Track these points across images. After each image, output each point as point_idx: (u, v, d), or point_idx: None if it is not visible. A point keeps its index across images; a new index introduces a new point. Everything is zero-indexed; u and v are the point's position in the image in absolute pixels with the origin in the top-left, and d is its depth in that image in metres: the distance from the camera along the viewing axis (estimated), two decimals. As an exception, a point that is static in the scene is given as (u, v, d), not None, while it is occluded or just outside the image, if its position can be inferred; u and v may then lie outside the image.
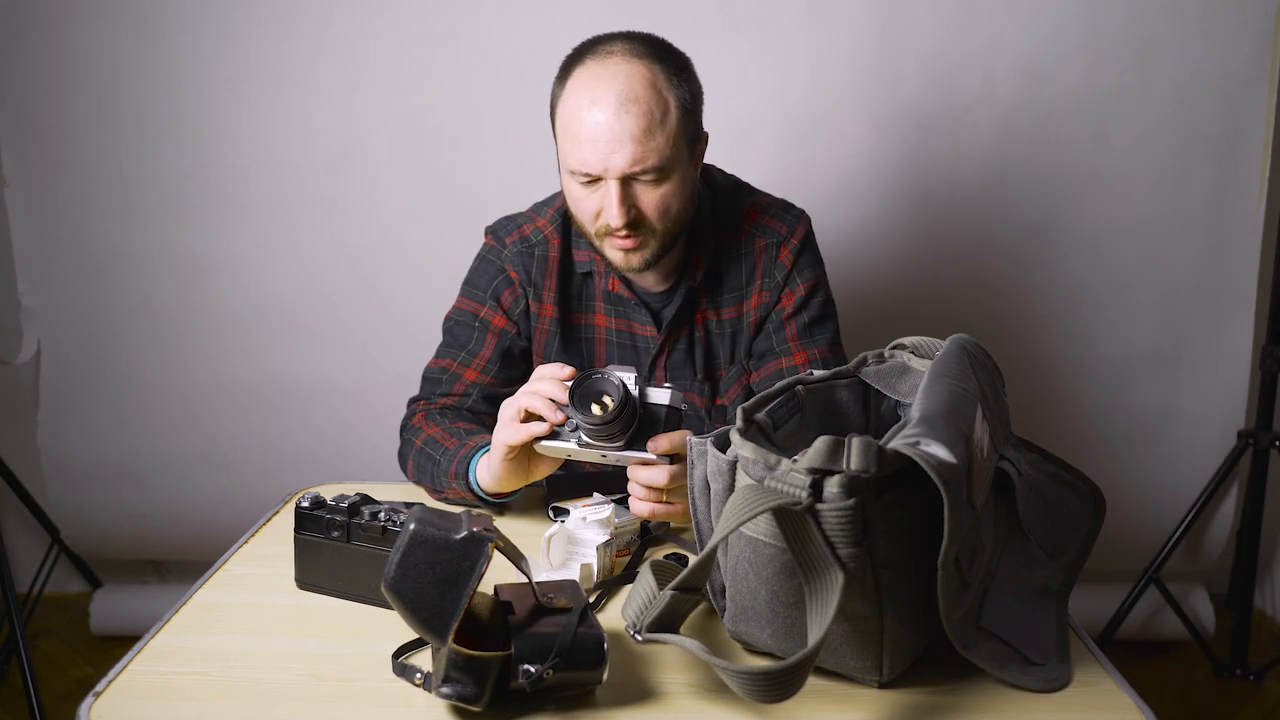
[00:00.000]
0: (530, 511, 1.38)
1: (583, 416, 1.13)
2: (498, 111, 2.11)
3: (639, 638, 1.00)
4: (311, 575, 1.14)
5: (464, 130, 2.13)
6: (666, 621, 1.00)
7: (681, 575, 0.97)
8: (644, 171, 1.31)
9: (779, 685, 0.86)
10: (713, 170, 1.54)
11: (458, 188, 2.15)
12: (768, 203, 1.52)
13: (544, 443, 1.19)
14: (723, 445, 0.98)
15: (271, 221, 2.19)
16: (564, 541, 1.16)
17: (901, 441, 0.91)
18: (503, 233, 1.51)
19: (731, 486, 0.95)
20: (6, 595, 2.03)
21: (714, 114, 1.43)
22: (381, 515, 1.09)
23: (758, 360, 1.51)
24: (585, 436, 1.17)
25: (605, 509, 1.18)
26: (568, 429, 1.18)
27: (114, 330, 2.25)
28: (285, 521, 1.27)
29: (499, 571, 1.00)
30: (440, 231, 2.15)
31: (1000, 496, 1.11)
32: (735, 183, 1.55)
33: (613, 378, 1.14)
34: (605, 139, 1.29)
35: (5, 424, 2.39)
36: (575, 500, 1.32)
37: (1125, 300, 2.22)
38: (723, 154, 1.55)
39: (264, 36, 2.11)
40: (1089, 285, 2.21)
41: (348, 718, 0.93)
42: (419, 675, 0.93)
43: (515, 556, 0.94)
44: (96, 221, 2.19)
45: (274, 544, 1.27)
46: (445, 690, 0.89)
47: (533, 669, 0.89)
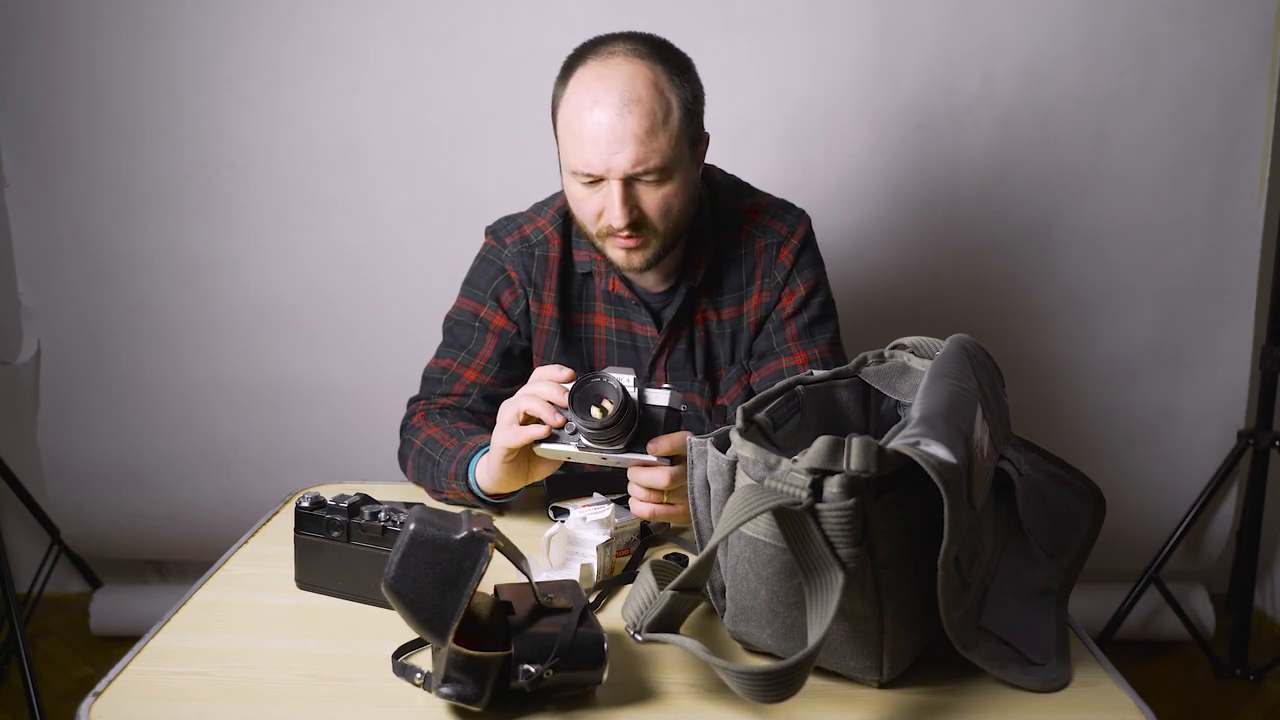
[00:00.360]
0: (530, 511, 1.38)
1: (582, 420, 1.13)
2: (498, 111, 2.11)
3: (639, 638, 1.00)
4: (311, 575, 1.14)
5: (464, 130, 2.13)
6: (666, 621, 1.00)
7: (681, 575, 0.97)
8: (646, 172, 1.31)
9: (779, 685, 0.86)
10: (713, 170, 1.54)
11: (458, 188, 2.15)
12: (768, 203, 1.52)
13: (543, 446, 1.19)
14: (723, 445, 0.98)
15: (271, 221, 2.19)
16: (564, 541, 1.16)
17: (901, 441, 0.91)
18: (503, 233, 1.51)
19: (731, 486, 0.95)
20: (6, 595, 2.03)
21: (714, 114, 1.43)
22: (381, 515, 1.09)
23: (758, 360, 1.51)
24: (585, 439, 1.17)
25: (605, 509, 1.18)
26: (567, 431, 1.18)
27: (114, 330, 2.25)
28: (285, 521, 1.27)
29: (499, 571, 1.00)
30: (440, 231, 2.15)
31: (1000, 496, 1.11)
32: (735, 183, 1.55)
33: (612, 381, 1.14)
34: (608, 139, 1.29)
35: (5, 424, 2.39)
36: (575, 500, 1.32)
37: (1125, 300, 2.21)
38: (723, 154, 1.55)
39: (264, 36, 2.11)
40: (1089, 285, 2.21)
41: (348, 718, 0.93)
42: (419, 675, 0.93)
43: (515, 556, 0.94)
44: (96, 221, 2.19)
45: (274, 544, 1.27)
46: (445, 690, 0.89)
47: (533, 669, 0.89)
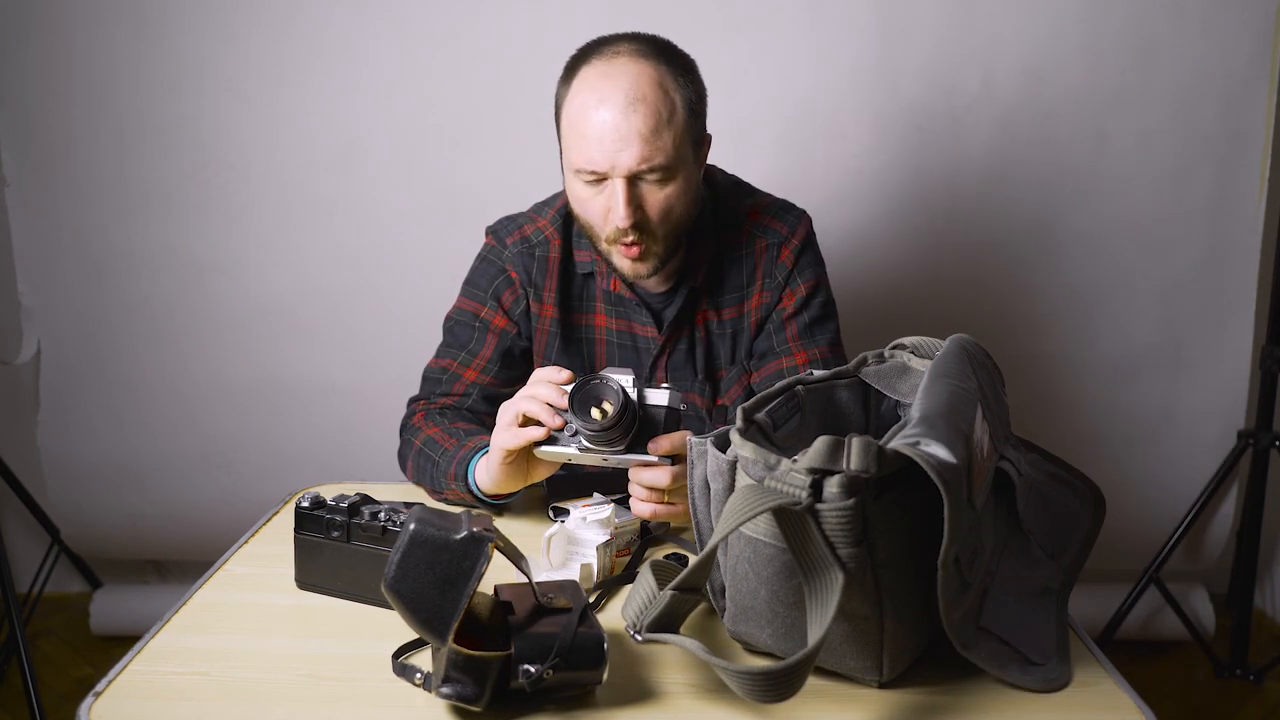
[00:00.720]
0: (530, 511, 1.38)
1: (582, 422, 1.13)
2: (498, 111, 2.11)
3: (639, 638, 1.00)
4: (311, 575, 1.14)
5: (464, 130, 2.13)
6: (666, 621, 1.00)
7: (681, 575, 0.97)
8: (650, 171, 1.31)
9: (779, 685, 0.86)
10: (714, 171, 1.54)
11: (458, 188, 2.15)
12: (769, 203, 1.52)
13: (543, 448, 1.18)
14: (723, 445, 0.98)
15: (271, 221, 2.19)
16: (564, 541, 1.16)
17: (901, 441, 0.91)
18: (503, 233, 1.51)
19: (731, 486, 0.95)
20: (6, 595, 2.03)
21: (714, 114, 1.43)
22: (381, 515, 1.09)
23: (758, 360, 1.51)
24: (585, 441, 1.16)
25: (605, 509, 1.18)
26: (567, 433, 1.18)
27: (114, 330, 2.25)
28: (285, 521, 1.27)
29: (499, 571, 1.00)
30: (440, 231, 2.15)
31: (1000, 496, 1.11)
32: (736, 183, 1.55)
33: (612, 383, 1.14)
34: (613, 137, 1.29)
35: (5, 424, 2.39)
36: (575, 500, 1.32)
37: (1125, 300, 2.21)
38: (723, 154, 1.54)
39: (264, 36, 2.11)
40: (1089, 285, 2.21)
41: (348, 718, 0.93)
42: (419, 675, 0.93)
43: (515, 556, 0.94)
44: (96, 221, 2.19)
45: (274, 544, 1.27)
46: (445, 690, 0.89)
47: (533, 669, 0.89)
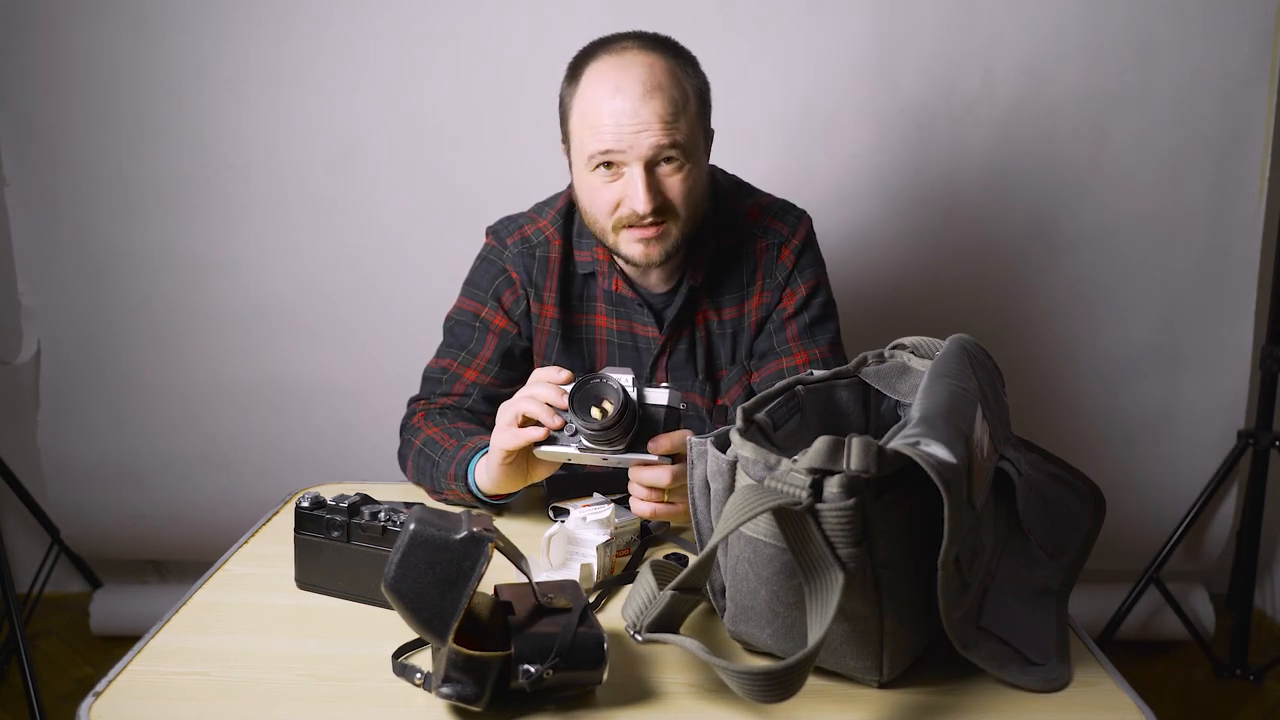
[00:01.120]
0: (530, 511, 1.38)
1: (582, 422, 1.13)
2: (498, 111, 2.11)
3: (639, 638, 1.00)
4: (311, 575, 1.14)
5: (464, 130, 2.13)
6: (666, 621, 1.00)
7: (681, 575, 0.97)
8: (669, 154, 1.31)
9: (779, 685, 0.86)
10: (714, 170, 1.54)
11: (458, 188, 2.15)
12: (769, 203, 1.52)
13: (543, 448, 1.18)
14: (723, 445, 0.98)
15: (271, 221, 2.19)
16: (564, 541, 1.16)
17: (901, 441, 0.91)
18: (504, 233, 1.51)
19: (731, 486, 0.95)
20: (6, 595, 2.03)
21: (714, 114, 1.43)
22: (381, 515, 1.09)
23: (759, 360, 1.51)
24: (585, 441, 1.16)
25: (605, 509, 1.18)
26: (566, 433, 1.18)
27: (114, 330, 2.25)
28: (285, 521, 1.27)
29: (499, 571, 1.00)
30: (440, 231, 2.15)
31: (1000, 496, 1.11)
32: (736, 183, 1.55)
33: (612, 382, 1.14)
34: (631, 123, 1.29)
35: (5, 424, 2.39)
36: (575, 500, 1.32)
37: (1125, 300, 2.21)
38: (723, 154, 1.54)
39: (264, 36, 2.11)
40: (1089, 285, 2.21)
41: (348, 718, 0.93)
42: (419, 675, 0.93)
43: (515, 556, 0.94)
44: (96, 221, 2.19)
45: (274, 544, 1.27)
46: (445, 690, 0.89)
47: (533, 669, 0.89)
